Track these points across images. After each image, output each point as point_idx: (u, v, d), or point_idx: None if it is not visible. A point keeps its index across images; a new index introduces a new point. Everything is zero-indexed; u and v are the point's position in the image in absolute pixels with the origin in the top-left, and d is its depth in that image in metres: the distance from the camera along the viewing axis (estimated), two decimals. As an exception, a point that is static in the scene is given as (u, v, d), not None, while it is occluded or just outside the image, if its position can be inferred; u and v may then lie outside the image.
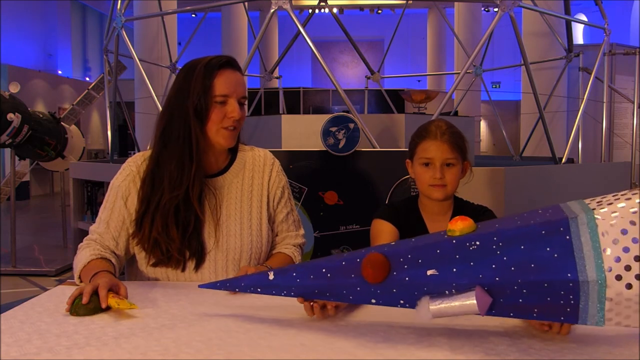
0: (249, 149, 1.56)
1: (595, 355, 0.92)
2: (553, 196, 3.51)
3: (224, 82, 1.38)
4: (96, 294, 1.14)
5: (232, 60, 1.43)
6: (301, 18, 4.78)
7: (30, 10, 12.34)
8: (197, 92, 1.36)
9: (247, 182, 1.50)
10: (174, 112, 1.40)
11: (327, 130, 2.80)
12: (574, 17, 5.77)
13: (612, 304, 0.83)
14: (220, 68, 1.39)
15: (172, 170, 1.37)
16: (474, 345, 0.96)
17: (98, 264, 1.31)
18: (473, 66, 5.96)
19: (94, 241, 1.40)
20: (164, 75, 6.63)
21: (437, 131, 1.54)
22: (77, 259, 1.36)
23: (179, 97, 1.39)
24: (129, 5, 4.45)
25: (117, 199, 1.42)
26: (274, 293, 1.05)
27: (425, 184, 1.54)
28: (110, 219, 1.42)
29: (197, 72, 1.38)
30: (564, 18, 4.98)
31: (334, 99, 12.22)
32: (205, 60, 1.40)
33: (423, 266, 0.92)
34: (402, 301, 0.96)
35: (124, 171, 1.46)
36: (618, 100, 6.64)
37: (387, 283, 0.95)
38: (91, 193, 4.44)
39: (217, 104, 1.38)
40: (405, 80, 13.95)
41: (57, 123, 5.22)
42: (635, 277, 0.81)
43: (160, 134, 1.41)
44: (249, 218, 1.47)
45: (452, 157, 1.53)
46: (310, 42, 3.34)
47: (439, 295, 0.92)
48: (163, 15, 6.35)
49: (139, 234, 1.38)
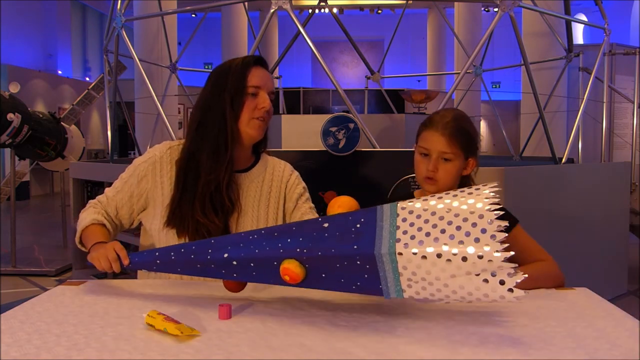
0: (271, 158, 1.65)
1: (595, 355, 0.91)
2: (553, 196, 3.51)
3: (257, 75, 1.50)
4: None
5: (264, 60, 1.56)
6: (301, 18, 4.77)
7: (30, 10, 12.33)
8: (234, 85, 1.47)
9: (267, 184, 1.59)
10: (210, 104, 1.49)
11: (327, 130, 2.80)
12: (574, 17, 5.77)
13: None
14: (255, 64, 1.51)
15: (208, 159, 1.46)
16: (474, 346, 0.96)
17: (96, 231, 1.45)
18: (473, 66, 5.96)
19: (100, 203, 1.54)
20: (164, 75, 6.63)
21: (440, 122, 1.47)
22: (81, 217, 1.50)
23: (215, 92, 1.49)
24: (129, 5, 4.45)
25: (132, 176, 1.52)
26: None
27: (420, 174, 1.51)
28: (120, 190, 1.53)
29: (234, 68, 1.50)
30: (564, 18, 4.97)
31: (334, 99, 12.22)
32: (240, 59, 1.53)
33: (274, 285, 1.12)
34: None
35: (147, 154, 1.55)
36: (618, 100, 6.64)
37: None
38: (91, 193, 4.43)
39: (250, 95, 1.48)
40: (405, 80, 13.95)
41: (57, 123, 5.21)
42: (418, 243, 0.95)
43: (197, 125, 1.49)
44: (265, 217, 1.55)
45: (450, 151, 1.45)
46: (310, 42, 3.34)
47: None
48: (163, 15, 6.35)
49: (177, 220, 1.44)
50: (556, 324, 1.06)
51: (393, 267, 0.97)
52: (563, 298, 1.26)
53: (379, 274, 0.99)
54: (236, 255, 1.11)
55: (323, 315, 1.12)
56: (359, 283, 1.02)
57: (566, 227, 3.57)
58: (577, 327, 1.05)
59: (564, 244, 3.51)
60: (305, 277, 1.06)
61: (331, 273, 1.05)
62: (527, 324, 1.07)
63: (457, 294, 0.94)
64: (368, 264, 0.99)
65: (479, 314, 1.12)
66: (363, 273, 1.01)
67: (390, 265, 0.97)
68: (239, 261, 1.11)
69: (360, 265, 1.00)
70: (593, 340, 0.98)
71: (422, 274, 0.95)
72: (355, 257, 1.00)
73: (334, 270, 1.04)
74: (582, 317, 1.11)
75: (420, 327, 1.05)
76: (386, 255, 0.97)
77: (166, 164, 1.51)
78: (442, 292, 0.95)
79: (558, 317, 1.11)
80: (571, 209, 3.60)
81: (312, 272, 1.06)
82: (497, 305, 1.18)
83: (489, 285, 0.92)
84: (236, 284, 1.20)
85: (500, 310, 1.15)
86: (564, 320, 1.09)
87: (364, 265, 1.00)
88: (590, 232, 3.77)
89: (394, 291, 0.99)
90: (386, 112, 7.82)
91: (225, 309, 1.11)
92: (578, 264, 3.58)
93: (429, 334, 1.01)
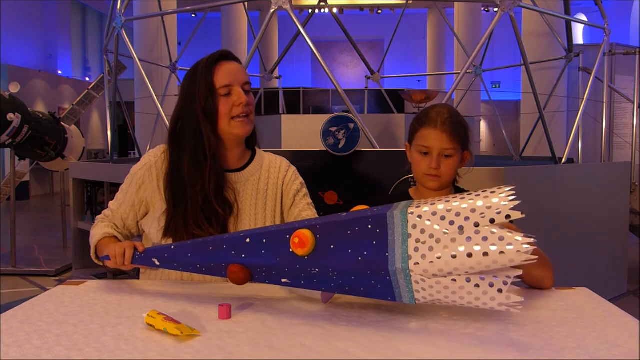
0: (267, 154, 1.62)
1: (595, 355, 0.91)
2: (553, 196, 3.51)
3: (224, 72, 1.44)
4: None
5: (227, 52, 1.49)
6: (301, 18, 4.77)
7: (30, 10, 12.33)
8: (203, 93, 1.42)
9: (264, 181, 1.55)
10: (184, 116, 1.46)
11: (327, 130, 2.80)
12: (574, 17, 5.77)
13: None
14: (217, 63, 1.45)
15: (189, 169, 1.43)
16: (474, 346, 0.96)
17: (109, 243, 1.41)
18: (473, 66, 5.97)
19: (107, 217, 1.53)
20: (164, 75, 6.63)
21: (438, 119, 1.47)
22: (92, 233, 1.49)
23: (187, 101, 1.46)
24: (129, 5, 4.45)
25: (131, 185, 1.51)
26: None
27: (421, 172, 1.50)
28: (123, 201, 1.52)
29: (199, 74, 1.44)
30: (564, 18, 4.98)
31: (334, 99, 12.22)
32: (204, 61, 1.46)
33: (278, 276, 1.14)
34: None
35: (143, 160, 1.53)
36: (618, 100, 6.64)
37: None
38: (91, 193, 4.43)
39: (223, 96, 1.44)
40: (405, 80, 13.96)
41: (57, 123, 5.21)
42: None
43: (174, 135, 1.47)
44: (263, 215, 1.52)
45: (451, 147, 1.46)
46: (310, 42, 3.34)
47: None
48: (163, 15, 6.35)
49: (172, 232, 1.43)
50: (556, 324, 1.06)
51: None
52: (563, 298, 1.26)
53: (388, 250, 1.00)
54: (251, 233, 1.16)
55: (323, 316, 1.12)
56: (365, 253, 1.02)
57: (566, 227, 3.57)
58: (577, 327, 1.05)
59: (564, 244, 3.51)
60: (314, 248, 1.07)
61: (340, 241, 1.05)
62: (527, 324, 1.07)
63: (463, 299, 0.97)
64: (379, 228, 1.01)
65: (478, 314, 1.12)
66: (372, 240, 1.02)
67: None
68: (252, 239, 1.14)
69: (371, 229, 1.02)
70: (593, 340, 0.98)
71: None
72: (367, 220, 1.03)
73: (343, 237, 1.05)
74: (582, 317, 1.11)
75: (420, 327, 1.05)
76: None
77: (162, 168, 1.49)
78: (449, 298, 0.98)
79: (558, 317, 1.11)
80: (571, 209, 3.60)
81: (322, 242, 1.07)
82: (497, 305, 1.18)
83: (487, 296, 0.94)
84: (241, 273, 1.16)
85: (500, 310, 1.15)
86: (564, 320, 1.09)
87: (374, 229, 1.02)
88: (590, 232, 3.77)
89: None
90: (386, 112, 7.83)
91: (225, 309, 1.11)
92: (578, 264, 3.58)
93: (429, 334, 1.01)
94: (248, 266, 1.15)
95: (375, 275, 1.02)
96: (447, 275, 0.95)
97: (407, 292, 1.01)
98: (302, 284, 1.12)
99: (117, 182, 3.58)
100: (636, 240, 4.76)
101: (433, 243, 0.96)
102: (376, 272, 1.02)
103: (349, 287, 1.07)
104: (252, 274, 1.16)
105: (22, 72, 10.82)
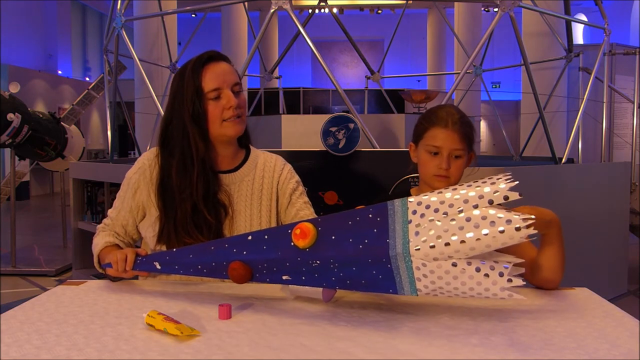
0: (262, 152, 1.58)
1: (595, 355, 0.91)
2: (553, 196, 3.51)
3: (211, 76, 1.40)
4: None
5: (215, 53, 1.45)
6: (301, 18, 4.77)
7: (30, 10, 12.33)
8: (191, 97, 1.39)
9: (258, 180, 1.52)
10: (172, 120, 1.43)
11: (327, 130, 2.80)
12: (574, 17, 5.77)
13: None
14: (204, 65, 1.41)
15: (177, 176, 1.41)
16: (474, 346, 0.96)
17: (111, 251, 1.39)
18: (473, 66, 5.96)
19: (107, 226, 1.52)
20: (164, 75, 6.63)
21: (449, 119, 1.45)
22: (95, 243, 1.49)
23: (175, 105, 1.42)
24: (129, 5, 4.45)
25: (128, 191, 1.50)
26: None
27: (430, 173, 1.48)
28: (121, 208, 1.51)
29: (187, 77, 1.40)
30: (564, 18, 4.97)
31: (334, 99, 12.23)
32: (191, 63, 1.42)
33: (279, 273, 1.14)
34: None
35: (136, 164, 1.52)
36: (618, 100, 6.64)
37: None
38: (91, 193, 4.43)
39: (212, 100, 1.40)
40: (405, 80, 13.96)
41: (57, 123, 5.21)
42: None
43: (162, 144, 1.45)
44: (258, 216, 1.49)
45: (461, 148, 1.45)
46: (310, 42, 3.34)
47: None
48: (163, 15, 6.35)
49: (165, 239, 1.42)
50: (556, 324, 1.06)
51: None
52: (563, 298, 1.26)
53: (389, 239, 1.02)
54: (253, 232, 1.18)
55: (323, 315, 1.12)
56: (366, 241, 1.04)
57: (566, 227, 3.53)
58: (577, 327, 1.05)
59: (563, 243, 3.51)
60: (315, 240, 1.08)
61: (341, 231, 1.07)
62: (527, 324, 1.07)
63: (465, 285, 0.98)
64: (379, 216, 1.04)
65: (478, 313, 1.12)
66: (372, 228, 1.04)
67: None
68: (254, 236, 1.16)
69: (372, 218, 1.05)
70: (593, 340, 0.98)
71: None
72: (368, 209, 1.06)
73: (344, 227, 1.07)
74: (582, 317, 1.11)
75: (420, 327, 1.05)
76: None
77: (156, 170, 1.47)
78: (450, 285, 0.99)
79: (558, 317, 1.11)
80: (571, 209, 3.59)
81: (323, 233, 1.08)
82: (497, 305, 1.18)
83: (489, 279, 0.95)
84: (242, 270, 1.15)
85: (500, 310, 1.15)
86: (564, 320, 1.09)
87: (375, 218, 1.04)
88: (590, 232, 3.76)
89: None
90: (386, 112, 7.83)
91: (225, 309, 1.11)
92: (578, 264, 3.58)
93: (429, 334, 1.01)
94: (249, 263, 1.15)
95: (376, 264, 1.03)
96: (447, 258, 0.97)
97: (408, 282, 1.01)
98: (303, 279, 1.12)
99: (117, 182, 3.57)
100: (636, 240, 4.75)
101: (433, 226, 0.98)
102: (377, 260, 1.02)
103: (350, 281, 1.07)
104: (253, 272, 1.16)
105: (22, 72, 10.81)
